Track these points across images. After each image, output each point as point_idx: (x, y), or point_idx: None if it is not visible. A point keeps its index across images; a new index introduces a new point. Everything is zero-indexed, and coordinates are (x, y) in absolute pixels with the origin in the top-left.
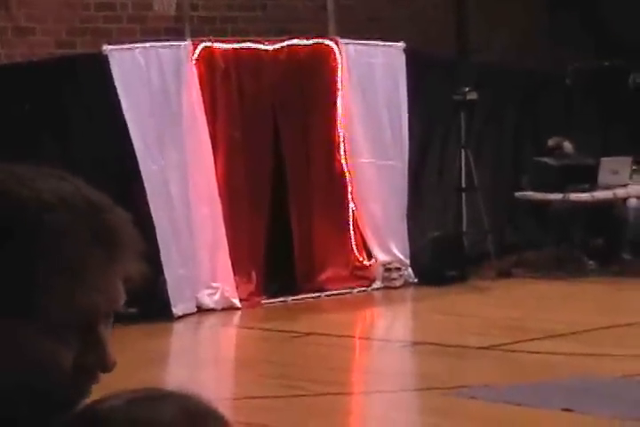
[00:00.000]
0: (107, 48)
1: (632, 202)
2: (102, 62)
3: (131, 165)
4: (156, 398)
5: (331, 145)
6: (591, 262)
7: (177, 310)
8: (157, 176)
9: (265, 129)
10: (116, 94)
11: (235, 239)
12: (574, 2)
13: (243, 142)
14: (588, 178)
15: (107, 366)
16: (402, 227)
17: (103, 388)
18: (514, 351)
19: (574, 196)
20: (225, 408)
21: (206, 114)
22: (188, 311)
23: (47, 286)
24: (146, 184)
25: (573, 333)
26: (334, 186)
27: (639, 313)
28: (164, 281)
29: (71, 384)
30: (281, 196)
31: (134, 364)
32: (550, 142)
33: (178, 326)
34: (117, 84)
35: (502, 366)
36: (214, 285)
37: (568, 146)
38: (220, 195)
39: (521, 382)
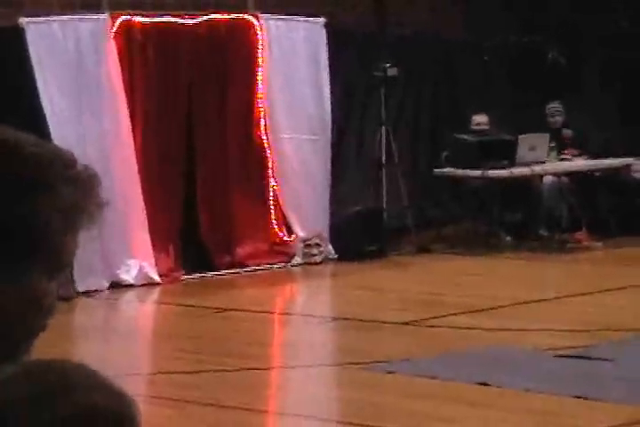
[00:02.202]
0: (23, 20)
1: (548, 179)
2: (18, 35)
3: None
4: (38, 374)
5: (250, 121)
6: (508, 238)
7: (83, 285)
8: (74, 151)
9: (181, 104)
10: (31, 68)
11: (152, 215)
12: None
13: (159, 117)
14: (506, 154)
15: (69, 298)
16: (323, 203)
17: None
18: (432, 326)
19: (493, 172)
20: (140, 383)
21: (124, 88)
22: (98, 287)
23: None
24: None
25: (490, 308)
26: (253, 161)
27: (553, 288)
28: None
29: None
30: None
31: (47, 339)
32: (477, 119)
33: (91, 302)
34: (33, 57)
35: (421, 341)
36: (132, 261)
37: (484, 120)
38: (138, 170)
39: (439, 356)
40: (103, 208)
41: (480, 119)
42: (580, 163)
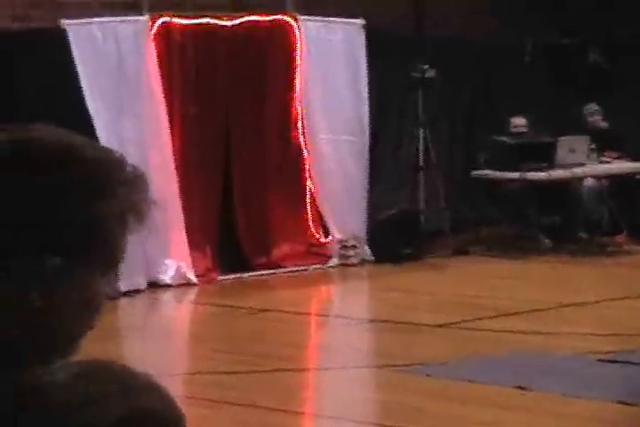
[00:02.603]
0: (64, 22)
1: (588, 181)
2: (60, 36)
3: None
4: (101, 374)
5: (288, 121)
6: (547, 241)
7: (123, 285)
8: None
9: (220, 105)
10: (73, 69)
11: (189, 215)
12: None
13: (198, 117)
14: (545, 156)
15: (115, 297)
16: (360, 204)
17: None
18: (469, 329)
19: (531, 175)
20: (177, 383)
21: (163, 89)
22: (138, 287)
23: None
24: None
25: (527, 311)
26: (291, 162)
27: (593, 292)
28: None
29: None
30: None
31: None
32: (516, 121)
33: (130, 302)
34: (76, 58)
35: (457, 344)
36: (170, 261)
37: (522, 122)
38: (176, 169)
39: (476, 359)
40: (152, 208)
41: (518, 122)
42: (621, 165)
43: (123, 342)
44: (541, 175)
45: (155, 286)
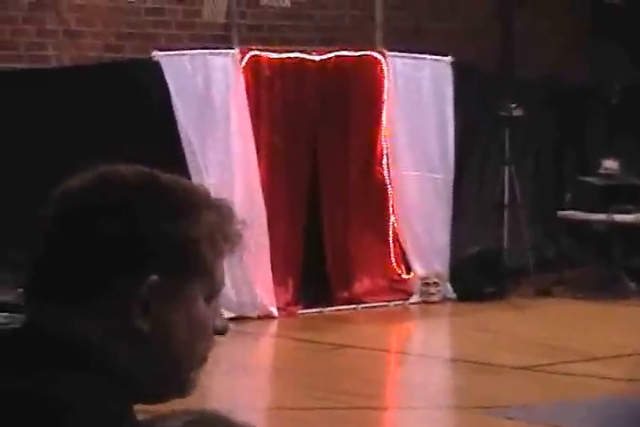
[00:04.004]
0: (157, 54)
1: None
2: (151, 68)
3: (180, 171)
4: (210, 423)
5: (373, 156)
6: (632, 284)
7: None
8: (203, 181)
9: (306, 138)
10: (164, 100)
11: (274, 247)
12: (617, 20)
13: (284, 150)
14: (633, 199)
15: (224, 331)
16: (444, 241)
17: None
18: (552, 372)
19: (619, 217)
20: (258, 418)
21: (251, 122)
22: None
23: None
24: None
25: (612, 356)
26: (375, 197)
27: None
28: None
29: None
30: (319, 204)
31: None
32: (607, 164)
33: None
34: (171, 89)
35: (539, 387)
36: (254, 292)
37: (614, 165)
38: (263, 202)
39: (558, 404)
40: (242, 235)
41: (610, 164)
42: None
43: (202, 375)
44: (629, 218)
45: (235, 317)
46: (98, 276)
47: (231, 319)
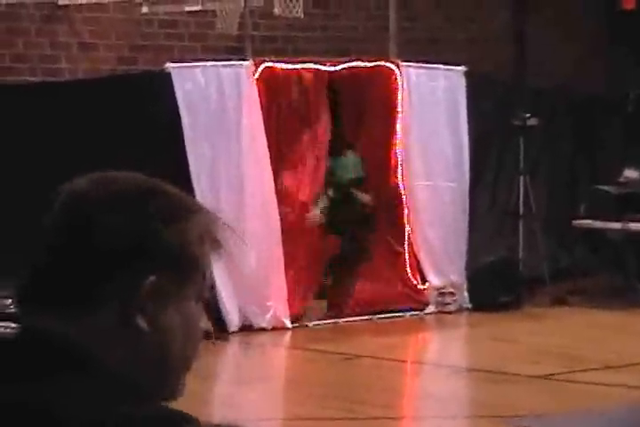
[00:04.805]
0: (169, 65)
1: None
2: (165, 79)
3: (185, 183)
4: None
5: (387, 166)
6: None
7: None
8: (211, 193)
9: (321, 149)
10: (175, 112)
11: (287, 258)
12: (632, 27)
13: (299, 161)
14: None
15: (207, 333)
16: (459, 251)
17: None
18: (568, 381)
19: (634, 225)
20: None
21: (265, 133)
22: (232, 329)
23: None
24: (200, 200)
25: (628, 364)
26: (390, 207)
27: None
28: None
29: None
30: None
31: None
32: (627, 173)
33: (223, 344)
34: (180, 101)
35: (556, 396)
36: (267, 303)
37: (634, 175)
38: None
39: (575, 413)
40: (228, 238)
41: (631, 174)
42: None
43: (216, 385)
44: None
45: (248, 328)
46: (96, 279)
47: (243, 330)
